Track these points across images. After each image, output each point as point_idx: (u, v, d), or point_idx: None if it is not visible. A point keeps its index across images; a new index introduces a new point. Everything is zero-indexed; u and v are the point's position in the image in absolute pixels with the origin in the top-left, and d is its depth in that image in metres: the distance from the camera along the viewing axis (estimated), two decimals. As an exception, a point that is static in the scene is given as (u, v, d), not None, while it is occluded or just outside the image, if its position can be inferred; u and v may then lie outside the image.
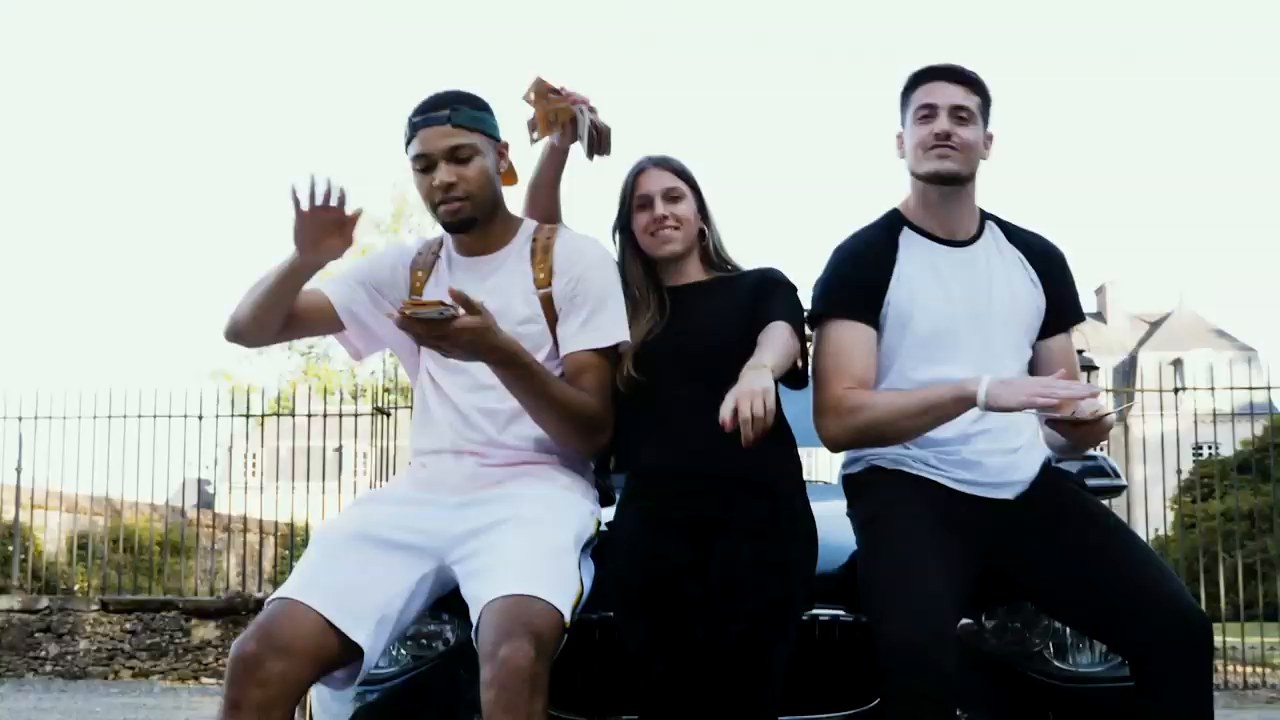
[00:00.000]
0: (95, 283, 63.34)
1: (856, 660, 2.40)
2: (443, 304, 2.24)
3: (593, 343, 2.53)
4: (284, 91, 60.51)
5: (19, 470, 11.10)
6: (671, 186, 2.58)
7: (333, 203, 2.41)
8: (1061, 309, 2.66)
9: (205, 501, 20.05)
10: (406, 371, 2.76)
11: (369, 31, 56.27)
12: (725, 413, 2.17)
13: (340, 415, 11.10)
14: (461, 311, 2.25)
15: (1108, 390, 10.79)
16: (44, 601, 10.55)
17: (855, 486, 2.58)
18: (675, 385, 2.46)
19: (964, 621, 2.42)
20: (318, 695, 2.61)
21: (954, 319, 2.53)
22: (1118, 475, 3.17)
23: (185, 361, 50.90)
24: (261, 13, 59.03)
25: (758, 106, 65.22)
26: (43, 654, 10.36)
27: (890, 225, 2.64)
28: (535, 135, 2.73)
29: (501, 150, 2.61)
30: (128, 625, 10.41)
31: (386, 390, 10.98)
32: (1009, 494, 2.50)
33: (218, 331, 2.66)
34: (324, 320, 2.66)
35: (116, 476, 10.85)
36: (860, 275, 2.57)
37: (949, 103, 2.55)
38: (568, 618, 2.25)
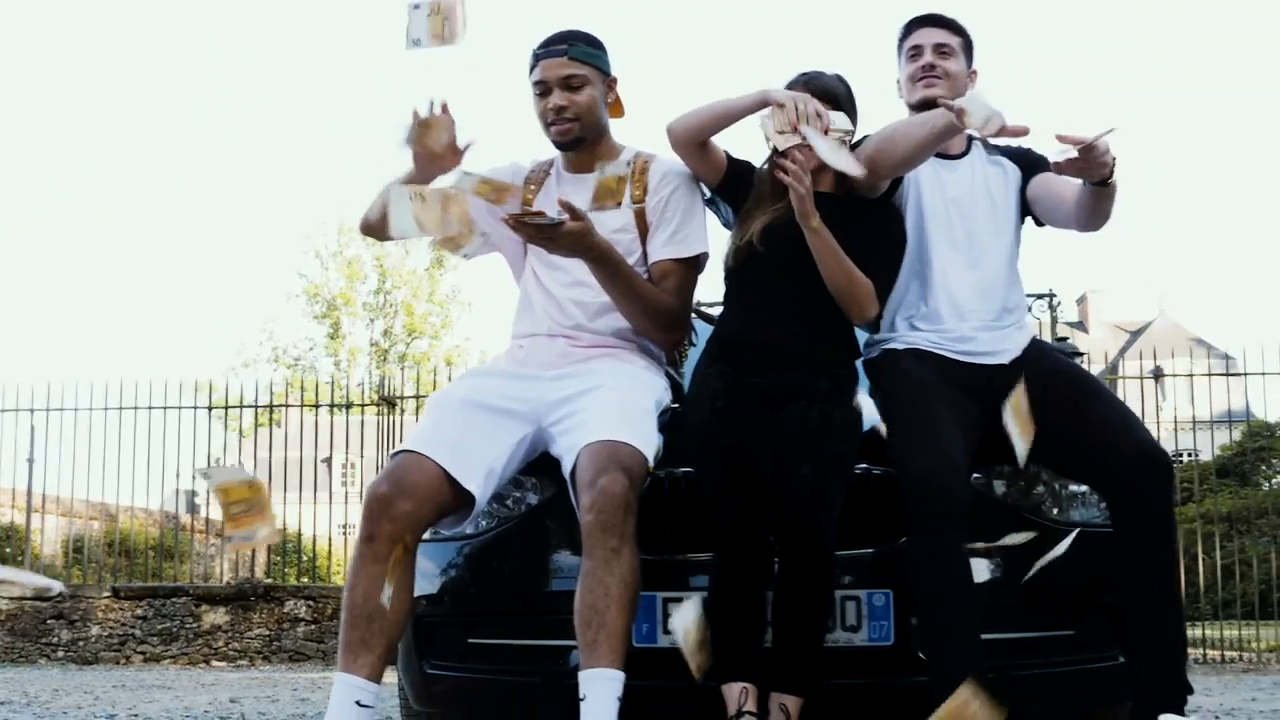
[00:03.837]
0: (101, 280, 63.10)
1: (883, 506, 2.83)
2: (551, 215, 2.71)
3: (677, 253, 3.00)
4: (293, 89, 60.63)
5: (31, 461, 11.34)
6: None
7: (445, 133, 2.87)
8: (1034, 165, 3.12)
9: (193, 513, 20.30)
10: (512, 270, 3.21)
11: (372, 33, 56.57)
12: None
13: (348, 405, 11.38)
14: (568, 218, 2.71)
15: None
16: (56, 588, 10.76)
17: (875, 367, 3.04)
18: (774, 272, 2.87)
19: (975, 475, 2.88)
20: None
21: (946, 207, 3.03)
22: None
23: (177, 361, 51.14)
24: (267, 14, 59.24)
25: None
26: (55, 640, 10.58)
27: None
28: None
29: (610, 84, 3.06)
30: (139, 611, 10.63)
31: (376, 400, 11.17)
32: (1004, 359, 2.97)
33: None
34: None
35: (113, 480, 11.12)
36: None
37: (932, 41, 3.09)
38: (651, 463, 2.70)
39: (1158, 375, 11.18)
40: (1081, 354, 11.56)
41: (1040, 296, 11.24)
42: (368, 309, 29.61)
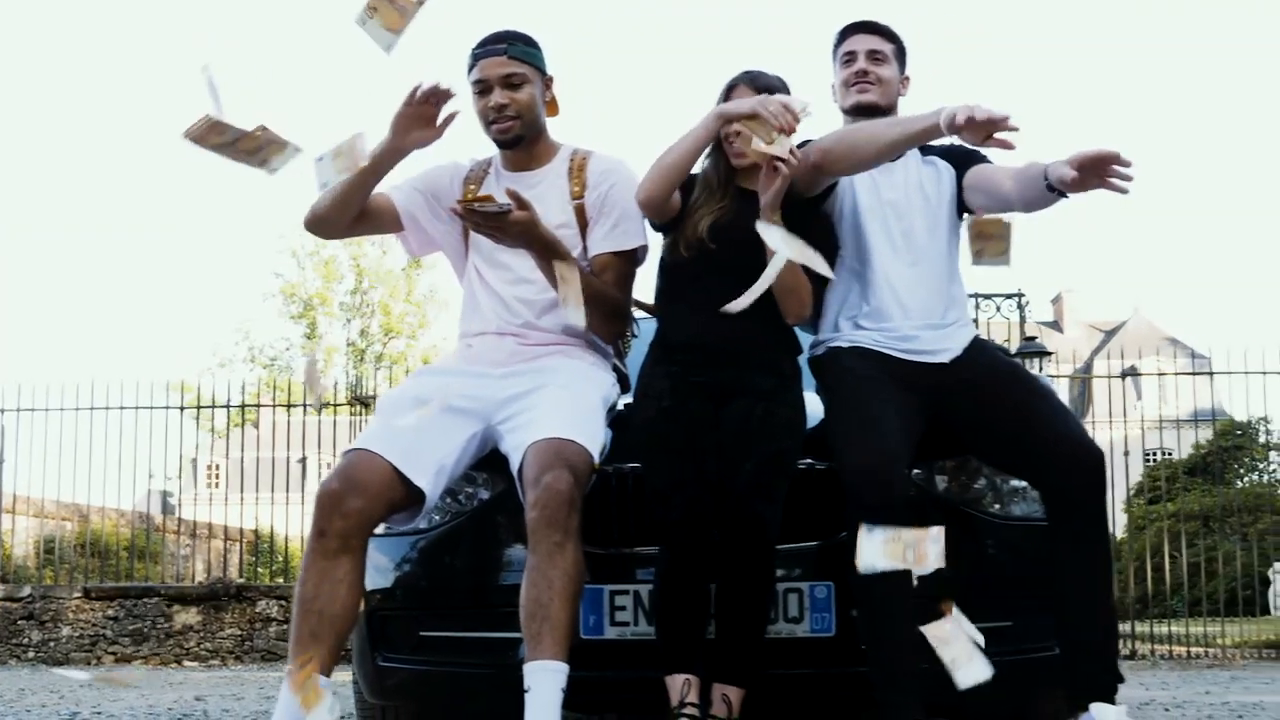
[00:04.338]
0: (75, 280, 62.76)
1: (826, 501, 2.88)
2: (499, 203, 2.75)
3: (616, 246, 3.04)
4: (268, 87, 60.35)
5: (1, 462, 11.30)
6: None
7: (437, 101, 2.86)
8: (967, 158, 3.15)
9: (168, 513, 20.31)
10: (454, 269, 3.24)
11: (349, 30, 56.29)
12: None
13: (320, 405, 11.38)
14: (515, 207, 2.74)
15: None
16: (26, 589, 10.75)
17: (819, 364, 3.10)
18: (715, 270, 2.91)
19: (916, 470, 2.94)
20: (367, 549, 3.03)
21: (882, 208, 3.08)
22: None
23: (152, 362, 50.93)
24: (245, 13, 59.02)
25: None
26: (25, 640, 10.56)
27: None
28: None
29: (548, 83, 3.10)
30: (110, 612, 10.62)
31: (355, 398, 11.17)
32: (945, 358, 3.03)
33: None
34: (388, 220, 3.13)
35: (86, 480, 11.07)
36: None
37: (866, 48, 3.16)
38: (596, 461, 2.75)
39: (1125, 374, 11.29)
40: (1050, 353, 11.70)
41: (1009, 296, 11.36)
42: (344, 309, 29.60)
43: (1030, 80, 68.97)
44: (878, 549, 2.51)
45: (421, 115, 2.89)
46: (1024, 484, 3.01)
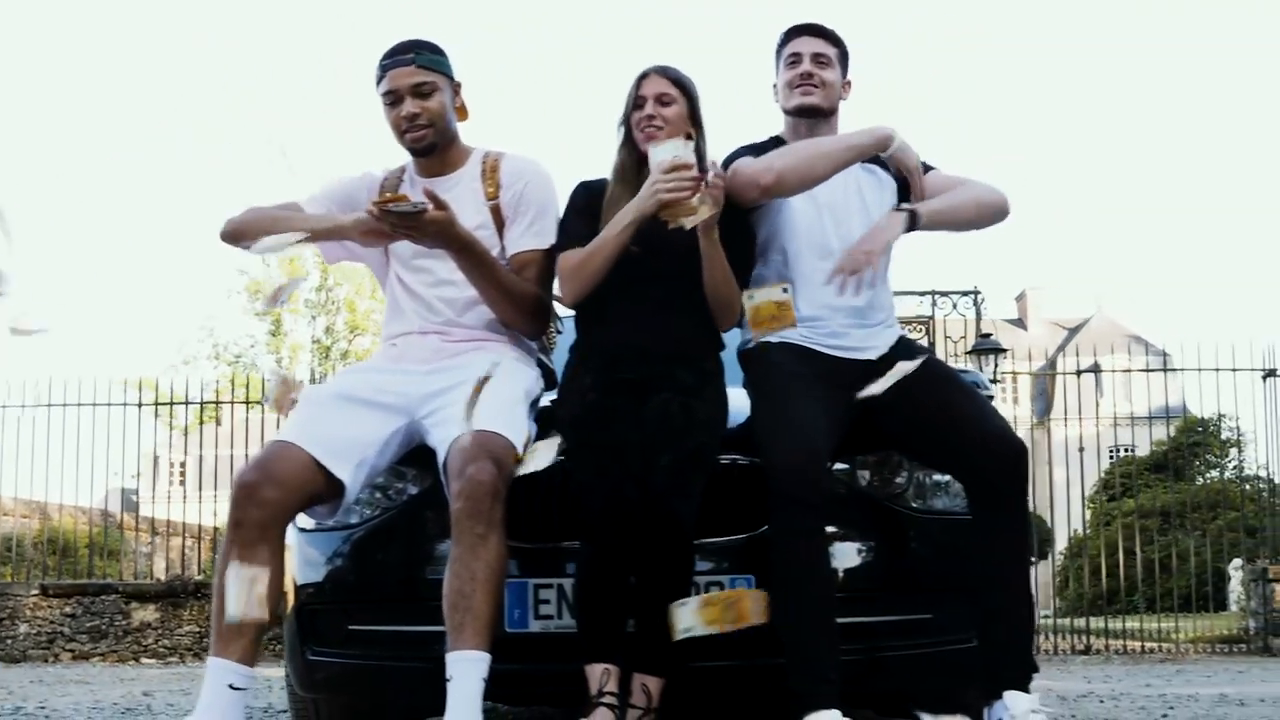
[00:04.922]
0: (37, 276, 61.90)
1: (749, 495, 2.91)
2: (414, 202, 2.78)
3: (534, 244, 3.08)
4: (233, 84, 60.14)
5: (-38, 461, 11.21)
6: (664, 92, 2.99)
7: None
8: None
9: (130, 510, 20.19)
10: (377, 278, 3.29)
11: (316, 26, 56.19)
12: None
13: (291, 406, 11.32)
14: (431, 207, 2.78)
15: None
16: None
17: (749, 359, 3.13)
18: (639, 270, 2.94)
19: (841, 465, 3.00)
20: (297, 544, 3.08)
21: (819, 212, 3.12)
22: (988, 387, 3.70)
23: (118, 359, 50.52)
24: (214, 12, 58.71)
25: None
26: (-19, 638, 10.52)
27: (775, 141, 3.24)
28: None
29: (456, 89, 3.14)
30: (67, 609, 10.58)
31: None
32: (872, 355, 3.08)
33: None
34: None
35: (52, 478, 11.07)
36: (757, 148, 3.15)
37: (811, 50, 3.19)
38: (520, 453, 2.78)
39: (1082, 371, 11.39)
40: (1004, 350, 11.79)
41: (966, 294, 11.43)
42: (310, 306, 29.42)
43: (998, 81, 69.38)
44: (694, 614, 2.62)
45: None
46: (946, 478, 3.07)
